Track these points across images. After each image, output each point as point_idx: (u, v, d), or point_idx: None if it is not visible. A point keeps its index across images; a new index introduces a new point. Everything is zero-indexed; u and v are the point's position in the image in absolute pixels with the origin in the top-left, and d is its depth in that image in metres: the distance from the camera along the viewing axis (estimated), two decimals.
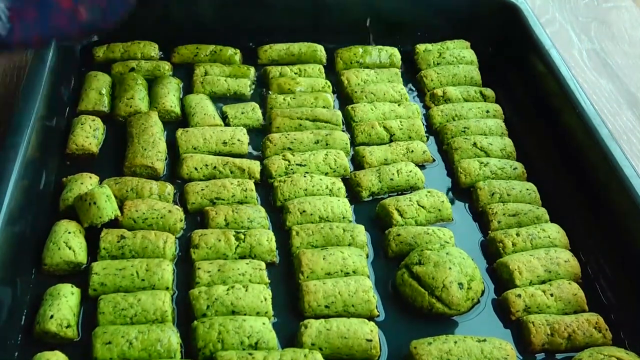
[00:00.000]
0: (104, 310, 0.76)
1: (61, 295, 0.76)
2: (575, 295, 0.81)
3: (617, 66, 1.27)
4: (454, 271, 0.80)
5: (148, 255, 0.83)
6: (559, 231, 0.89)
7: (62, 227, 0.83)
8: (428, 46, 1.20)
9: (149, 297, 0.77)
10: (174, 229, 0.87)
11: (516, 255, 0.85)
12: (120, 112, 1.03)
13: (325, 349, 0.74)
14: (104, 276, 0.79)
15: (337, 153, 0.98)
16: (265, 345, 0.74)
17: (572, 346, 0.77)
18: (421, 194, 0.93)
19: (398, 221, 0.90)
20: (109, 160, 0.97)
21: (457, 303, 0.79)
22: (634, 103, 1.19)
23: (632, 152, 1.08)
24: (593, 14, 1.42)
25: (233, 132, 1.00)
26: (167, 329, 0.74)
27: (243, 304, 0.77)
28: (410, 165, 0.97)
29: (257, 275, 0.81)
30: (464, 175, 0.97)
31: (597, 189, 0.92)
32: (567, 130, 1.00)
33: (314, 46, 1.17)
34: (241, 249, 0.84)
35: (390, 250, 0.87)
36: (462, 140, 1.01)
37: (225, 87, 1.10)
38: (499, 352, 0.74)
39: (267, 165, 0.96)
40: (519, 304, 0.80)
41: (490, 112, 1.08)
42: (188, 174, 0.94)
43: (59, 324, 0.74)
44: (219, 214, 0.88)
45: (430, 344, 0.74)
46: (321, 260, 0.82)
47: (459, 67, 1.15)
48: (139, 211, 0.87)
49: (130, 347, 0.72)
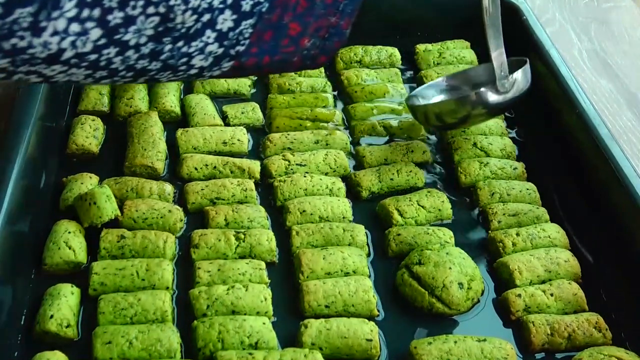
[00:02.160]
0: (104, 310, 0.76)
1: (61, 295, 0.76)
2: (575, 295, 0.81)
3: (617, 66, 1.27)
4: (454, 271, 0.80)
5: (148, 255, 0.83)
6: (559, 231, 0.89)
7: (62, 227, 0.83)
8: (428, 46, 1.20)
9: (149, 296, 0.77)
10: (174, 228, 0.87)
11: (516, 255, 0.85)
12: (120, 112, 1.03)
13: (325, 348, 0.74)
14: (104, 276, 0.79)
15: (337, 153, 0.98)
16: (265, 345, 0.74)
17: (572, 346, 0.77)
18: (421, 194, 0.93)
19: (398, 221, 0.90)
20: (109, 160, 0.97)
21: (457, 303, 0.79)
22: (634, 103, 1.19)
23: (632, 152, 1.08)
24: (593, 14, 1.42)
25: (233, 132, 1.00)
26: (167, 328, 0.74)
27: (243, 304, 0.77)
28: (410, 165, 0.97)
29: (257, 275, 0.81)
30: (464, 175, 0.97)
31: (597, 189, 0.92)
32: (567, 130, 1.00)
33: None
34: (241, 248, 0.84)
35: (390, 250, 0.87)
36: (462, 140, 1.01)
37: (225, 87, 1.10)
38: (499, 352, 0.74)
39: (267, 165, 0.96)
40: (519, 304, 0.80)
41: None
42: (188, 173, 0.94)
43: (59, 324, 0.74)
44: (219, 213, 0.88)
45: (430, 344, 0.74)
46: (321, 260, 0.82)
47: (459, 67, 1.15)
48: (139, 211, 0.87)
49: (130, 346, 0.72)
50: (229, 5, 0.58)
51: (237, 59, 0.63)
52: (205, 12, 0.56)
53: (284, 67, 0.69)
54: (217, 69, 0.64)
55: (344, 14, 0.66)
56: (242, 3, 0.59)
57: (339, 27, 0.66)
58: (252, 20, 0.60)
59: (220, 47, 0.61)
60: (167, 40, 0.57)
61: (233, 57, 0.63)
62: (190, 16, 0.56)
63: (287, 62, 0.68)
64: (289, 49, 0.65)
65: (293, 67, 0.70)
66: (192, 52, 0.60)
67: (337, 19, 0.65)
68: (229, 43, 0.61)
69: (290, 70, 0.75)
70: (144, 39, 0.56)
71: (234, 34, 0.60)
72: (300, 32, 0.64)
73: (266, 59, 0.65)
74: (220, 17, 0.58)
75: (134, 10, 0.53)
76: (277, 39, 0.64)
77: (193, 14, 0.56)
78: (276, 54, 0.65)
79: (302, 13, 0.63)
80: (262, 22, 0.61)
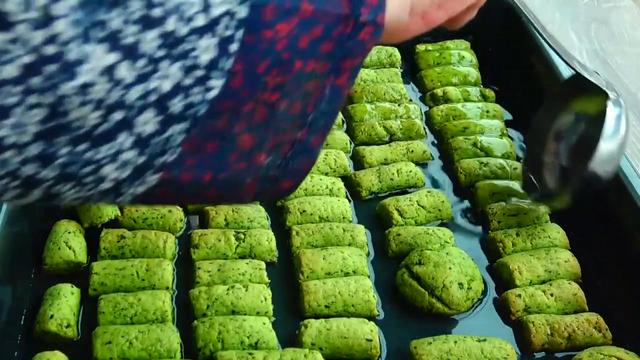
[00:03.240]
0: (104, 310, 0.76)
1: (61, 295, 0.76)
2: (575, 295, 0.81)
3: (617, 66, 1.27)
4: (454, 271, 0.80)
5: (148, 255, 0.83)
6: (559, 231, 0.89)
7: (62, 227, 0.83)
8: (428, 46, 1.20)
9: (149, 297, 0.77)
10: (174, 228, 0.87)
11: (516, 255, 0.85)
12: None
13: (325, 348, 0.74)
14: (104, 276, 0.79)
15: (337, 153, 0.98)
16: (265, 345, 0.74)
17: (572, 346, 0.77)
18: (421, 194, 0.93)
19: (398, 221, 0.90)
20: None
21: (457, 303, 0.79)
22: (634, 103, 1.19)
23: (632, 152, 1.08)
24: (593, 14, 1.42)
25: None
26: (167, 328, 0.74)
27: (243, 304, 0.77)
28: (410, 165, 0.97)
29: (257, 275, 0.81)
30: (464, 175, 0.97)
31: None
32: None
33: None
34: (241, 248, 0.84)
35: (390, 250, 0.87)
36: (462, 140, 1.01)
37: None
38: (499, 352, 0.74)
39: None
40: (519, 304, 0.80)
41: (490, 112, 1.08)
42: None
43: (59, 324, 0.74)
44: (219, 213, 0.88)
45: (430, 344, 0.74)
46: (321, 260, 0.82)
47: (459, 67, 1.15)
48: (138, 211, 0.87)
49: (130, 346, 0.72)
50: (151, 104, 0.42)
51: (167, 170, 0.47)
52: (115, 108, 0.41)
53: (233, 190, 0.53)
54: (140, 183, 0.47)
55: (315, 129, 0.51)
56: (169, 103, 0.43)
57: (306, 143, 0.52)
58: (184, 124, 0.44)
59: (141, 156, 0.45)
60: (61, 141, 0.41)
61: (159, 169, 0.46)
62: (92, 112, 0.40)
63: (238, 184, 0.52)
64: (238, 165, 0.50)
65: (247, 192, 0.54)
66: (100, 159, 0.43)
67: (304, 134, 0.51)
68: (152, 151, 0.45)
69: (246, 197, 0.55)
70: (28, 136, 0.40)
71: (158, 139, 0.44)
72: (254, 146, 0.49)
73: (208, 175, 0.49)
74: (140, 117, 0.42)
75: (10, 98, 0.38)
76: (224, 152, 0.48)
77: (95, 109, 0.40)
78: (222, 170, 0.50)
79: (259, 124, 0.47)
80: (201, 129, 0.45)
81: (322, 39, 0.46)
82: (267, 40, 0.43)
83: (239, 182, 0.52)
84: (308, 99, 0.49)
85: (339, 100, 0.51)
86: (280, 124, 0.49)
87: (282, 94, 0.47)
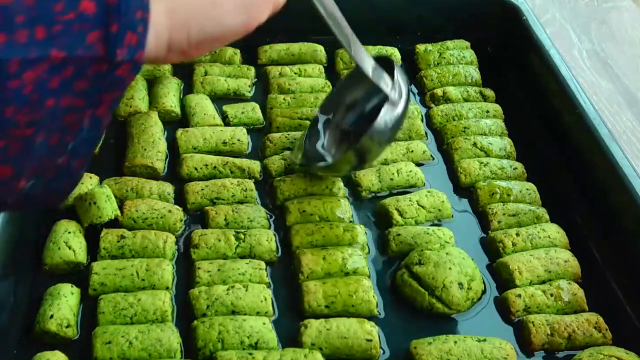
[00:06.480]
0: (104, 310, 0.76)
1: (61, 295, 0.76)
2: (575, 295, 0.81)
3: (617, 66, 1.27)
4: (454, 271, 0.80)
5: (148, 255, 0.83)
6: (559, 231, 0.89)
7: (62, 227, 0.83)
8: (428, 46, 1.20)
9: (149, 296, 0.77)
10: (174, 228, 0.87)
11: (516, 255, 0.85)
12: (120, 112, 1.03)
13: (325, 348, 0.74)
14: (104, 276, 0.79)
15: None
16: (265, 345, 0.74)
17: (572, 346, 0.77)
18: (421, 194, 0.93)
19: (398, 221, 0.90)
20: (109, 160, 0.97)
21: (457, 303, 0.79)
22: (634, 103, 1.19)
23: (632, 152, 1.08)
24: (593, 14, 1.42)
25: (233, 132, 1.00)
26: (167, 328, 0.74)
27: (243, 304, 0.77)
28: (410, 165, 0.97)
29: (257, 275, 0.81)
30: (464, 175, 0.97)
31: (597, 189, 0.92)
32: (567, 130, 1.00)
33: (314, 46, 1.17)
34: (241, 248, 0.84)
35: (390, 250, 0.87)
36: (462, 140, 1.01)
37: (225, 87, 1.10)
38: (499, 352, 0.74)
39: (267, 165, 0.96)
40: (519, 304, 0.80)
41: (490, 112, 1.08)
42: (188, 174, 0.94)
43: (59, 324, 0.74)
44: (219, 213, 0.88)
45: (430, 344, 0.74)
46: (321, 260, 0.82)
47: (459, 67, 1.15)
48: (139, 211, 0.87)
49: (130, 346, 0.72)
50: None
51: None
52: None
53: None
54: None
55: (76, 155, 0.55)
56: None
57: (69, 167, 0.56)
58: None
59: None
60: None
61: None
62: None
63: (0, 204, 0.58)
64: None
65: (10, 207, 0.63)
66: None
67: (66, 160, 0.55)
68: None
69: (7, 209, 0.66)
70: None
71: None
72: (14, 175, 0.52)
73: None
74: None
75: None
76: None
77: None
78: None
79: (16, 156, 0.51)
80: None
81: (75, 78, 0.49)
82: (12, 88, 0.46)
83: (1, 201, 0.56)
84: (67, 130, 0.52)
85: (99, 128, 0.55)
86: (38, 155, 0.52)
87: (37, 129, 0.50)
